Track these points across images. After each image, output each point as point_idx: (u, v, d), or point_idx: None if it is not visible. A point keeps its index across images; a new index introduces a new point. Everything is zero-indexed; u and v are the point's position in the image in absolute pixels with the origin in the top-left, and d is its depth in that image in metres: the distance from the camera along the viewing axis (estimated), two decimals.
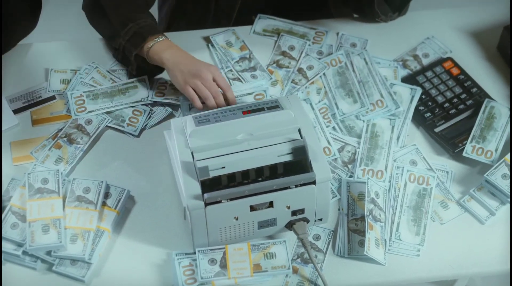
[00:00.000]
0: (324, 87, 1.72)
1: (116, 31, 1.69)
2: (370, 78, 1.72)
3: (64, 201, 1.47)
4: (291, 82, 1.73)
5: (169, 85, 1.71)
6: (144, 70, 1.72)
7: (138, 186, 1.55)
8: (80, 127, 1.63)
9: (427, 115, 1.68)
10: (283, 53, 1.80)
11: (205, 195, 1.33)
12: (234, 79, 1.73)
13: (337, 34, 1.85)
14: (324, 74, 1.74)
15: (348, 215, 1.50)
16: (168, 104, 1.69)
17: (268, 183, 1.36)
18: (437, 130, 1.65)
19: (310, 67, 1.76)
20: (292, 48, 1.81)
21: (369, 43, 1.83)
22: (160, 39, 1.65)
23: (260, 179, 1.40)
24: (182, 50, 1.65)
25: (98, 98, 1.67)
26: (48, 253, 1.42)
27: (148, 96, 1.69)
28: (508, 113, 1.66)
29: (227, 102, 1.60)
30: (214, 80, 1.59)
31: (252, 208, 1.38)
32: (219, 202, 1.35)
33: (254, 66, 1.76)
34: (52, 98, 1.70)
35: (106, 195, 1.50)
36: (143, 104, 1.68)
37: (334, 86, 1.72)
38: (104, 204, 1.49)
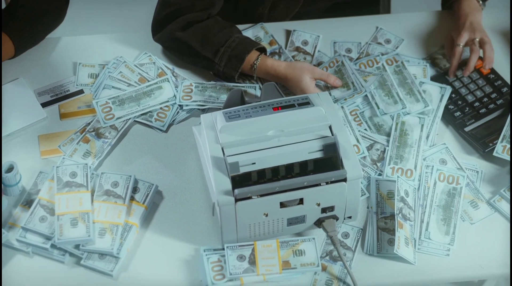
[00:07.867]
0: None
1: (209, 61, 1.69)
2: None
3: (92, 195, 1.47)
4: None
5: (195, 87, 1.70)
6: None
7: (166, 181, 1.55)
8: None
9: (457, 114, 1.66)
10: (297, 49, 1.78)
11: (236, 191, 1.33)
12: None
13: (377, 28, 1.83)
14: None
15: (377, 213, 1.49)
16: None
17: (299, 179, 1.35)
18: (467, 129, 1.63)
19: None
20: (305, 43, 1.80)
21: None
22: (257, 62, 1.67)
23: (290, 175, 1.39)
24: (276, 69, 1.66)
25: (124, 103, 1.65)
26: (77, 246, 1.42)
27: (174, 95, 1.67)
28: None
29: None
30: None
31: (282, 205, 1.38)
32: (249, 198, 1.35)
33: (284, 60, 1.75)
34: (80, 92, 1.70)
35: (135, 189, 1.50)
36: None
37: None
38: (132, 198, 1.49)
